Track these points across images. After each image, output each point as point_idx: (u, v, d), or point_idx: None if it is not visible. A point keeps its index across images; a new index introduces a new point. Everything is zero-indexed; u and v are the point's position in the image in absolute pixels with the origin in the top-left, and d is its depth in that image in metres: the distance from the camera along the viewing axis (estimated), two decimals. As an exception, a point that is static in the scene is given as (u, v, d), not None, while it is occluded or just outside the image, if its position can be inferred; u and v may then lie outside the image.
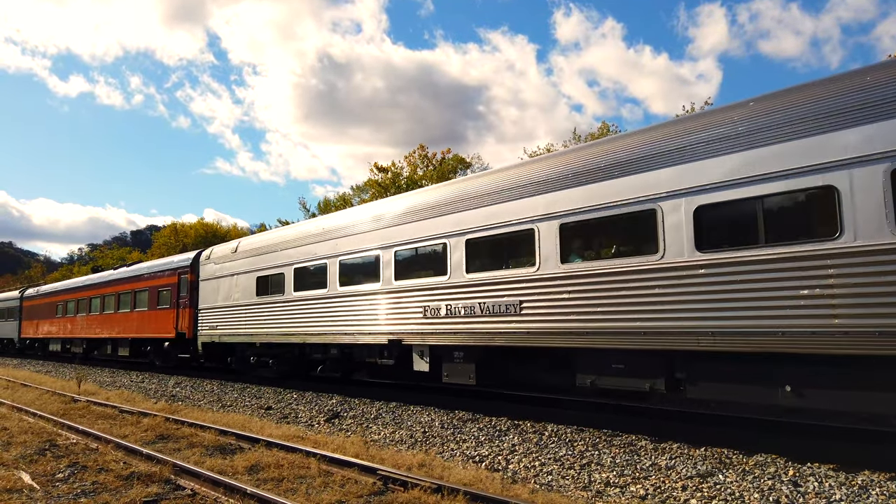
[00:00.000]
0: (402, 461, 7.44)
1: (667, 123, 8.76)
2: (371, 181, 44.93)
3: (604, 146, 9.23)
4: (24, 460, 7.83)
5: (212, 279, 18.42)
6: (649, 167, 8.18)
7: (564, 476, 6.99)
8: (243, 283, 16.77)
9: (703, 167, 7.60)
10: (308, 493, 6.22)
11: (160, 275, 21.93)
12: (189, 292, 19.58)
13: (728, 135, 7.49)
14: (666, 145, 8.12)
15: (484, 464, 7.67)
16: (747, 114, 7.46)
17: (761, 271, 6.97)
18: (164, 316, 20.96)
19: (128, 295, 24.17)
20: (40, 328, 34.48)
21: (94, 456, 8.06)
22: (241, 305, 16.71)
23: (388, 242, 12.19)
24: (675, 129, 8.26)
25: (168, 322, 20.58)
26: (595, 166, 8.90)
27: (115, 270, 27.01)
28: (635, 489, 6.38)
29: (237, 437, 9.14)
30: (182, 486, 6.58)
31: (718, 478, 6.54)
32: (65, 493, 6.36)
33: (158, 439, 9.26)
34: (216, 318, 17.90)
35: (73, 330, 29.58)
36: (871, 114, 6.43)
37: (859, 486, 6.06)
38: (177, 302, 20.28)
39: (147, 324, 22.15)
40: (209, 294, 18.45)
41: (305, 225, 16.07)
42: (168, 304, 20.85)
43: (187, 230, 63.55)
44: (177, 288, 20.40)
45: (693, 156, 7.75)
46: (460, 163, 43.93)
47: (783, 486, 6.13)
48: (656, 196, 8.02)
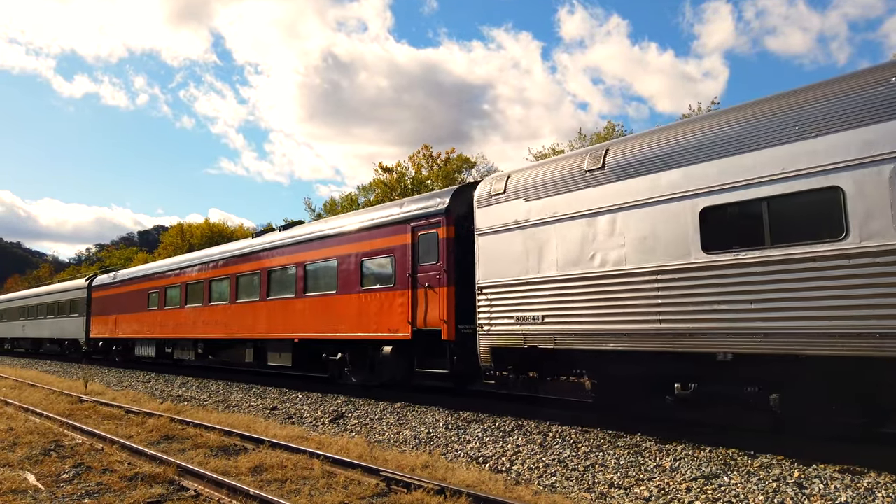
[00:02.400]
0: (405, 462, 7.43)
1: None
2: (377, 181, 44.96)
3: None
4: (29, 461, 7.86)
5: (515, 229, 10.18)
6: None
7: (568, 477, 6.97)
8: (643, 229, 8.47)
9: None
10: (311, 494, 6.22)
11: (367, 234, 13.66)
12: (446, 257, 11.55)
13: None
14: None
15: (488, 465, 7.66)
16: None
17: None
18: (379, 302, 12.94)
19: (288, 272, 15.98)
20: (120, 326, 25.73)
21: (98, 456, 8.10)
22: (634, 274, 8.49)
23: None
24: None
25: (393, 312, 12.55)
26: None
27: (256, 239, 18.55)
28: (639, 491, 6.35)
29: (241, 437, 9.16)
30: (186, 487, 6.59)
31: (723, 479, 6.51)
32: (69, 494, 6.39)
33: (163, 440, 9.29)
34: (535, 301, 9.74)
35: (177, 327, 21.20)
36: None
37: (865, 488, 6.02)
38: (411, 277, 12.16)
39: (338, 316, 14.00)
40: (507, 257, 10.24)
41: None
42: (390, 283, 12.73)
43: (193, 230, 63.76)
44: (410, 252, 12.29)
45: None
46: (465, 162, 43.91)
47: (788, 489, 6.09)
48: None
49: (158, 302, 22.70)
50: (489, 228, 10.71)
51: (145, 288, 23.94)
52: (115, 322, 26.34)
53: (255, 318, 17.03)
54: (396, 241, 12.76)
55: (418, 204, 12.74)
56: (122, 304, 25.73)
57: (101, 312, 27.99)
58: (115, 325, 26.31)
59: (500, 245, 10.47)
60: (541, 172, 10.26)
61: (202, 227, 64.52)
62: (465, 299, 11.22)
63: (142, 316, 23.93)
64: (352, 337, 13.61)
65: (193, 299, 20.47)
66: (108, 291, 27.63)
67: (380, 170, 44.64)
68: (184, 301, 20.96)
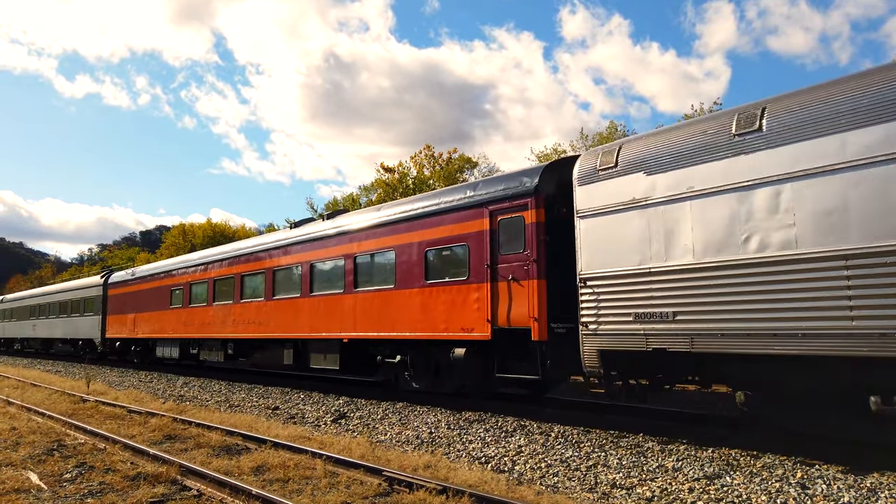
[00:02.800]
0: (407, 462, 7.44)
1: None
2: (379, 181, 44.98)
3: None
4: (32, 460, 7.88)
5: (632, 209, 8.57)
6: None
7: (571, 477, 6.96)
8: (824, 203, 6.92)
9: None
10: (313, 494, 6.23)
11: (433, 220, 11.96)
12: (535, 245, 9.95)
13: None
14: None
15: (490, 465, 7.66)
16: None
17: None
18: (449, 297, 11.33)
19: (335, 265, 14.31)
20: (140, 325, 24.12)
21: (101, 456, 8.11)
22: (810, 260, 6.96)
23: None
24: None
25: (467, 309, 10.94)
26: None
27: (295, 230, 16.79)
28: (642, 491, 6.35)
29: (244, 437, 9.17)
30: (188, 487, 6.60)
31: (726, 480, 6.50)
32: (72, 494, 6.39)
33: (166, 439, 9.30)
34: (662, 295, 8.15)
35: (204, 326, 19.52)
36: None
37: (868, 488, 6.01)
38: (489, 269, 10.57)
39: (396, 313, 12.34)
40: (621, 243, 8.66)
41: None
42: (463, 275, 11.12)
43: (195, 230, 63.84)
44: (488, 240, 10.68)
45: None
46: (467, 162, 43.92)
47: (791, 489, 6.08)
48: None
49: (182, 299, 21.07)
50: (595, 209, 9.05)
51: (167, 284, 22.34)
52: (133, 321, 24.75)
53: (295, 315, 15.31)
54: (470, 228, 11.07)
55: (498, 185, 10.98)
56: (142, 302, 24.10)
57: (119, 311, 26.23)
58: (133, 325, 24.72)
59: (610, 228, 8.83)
60: (666, 140, 8.53)
61: (204, 227, 64.58)
62: (557, 294, 9.80)
63: (163, 314, 22.29)
64: (414, 337, 11.94)
65: (223, 296, 18.69)
66: (125, 289, 25.99)
67: (381, 170, 44.69)
68: (211, 298, 19.27)
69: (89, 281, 30.81)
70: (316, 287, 14.81)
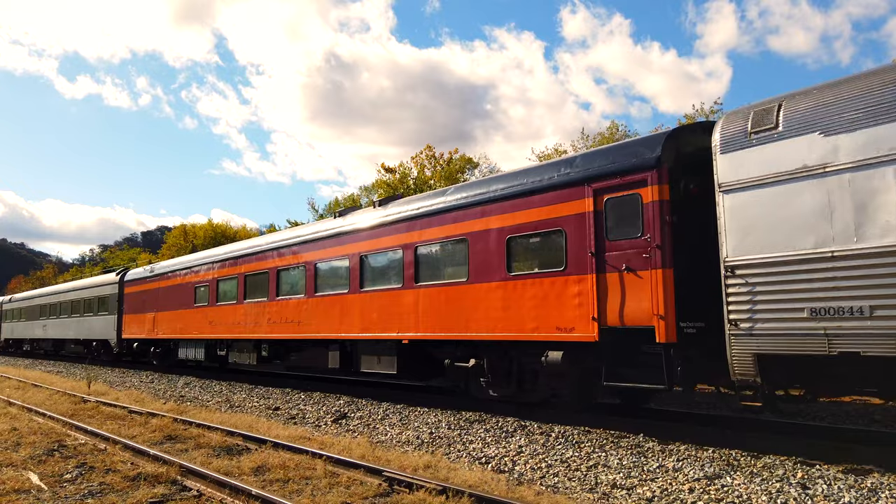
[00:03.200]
0: (407, 462, 7.43)
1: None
2: (380, 181, 44.99)
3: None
4: (32, 461, 7.88)
5: (803, 178, 7.11)
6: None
7: (571, 478, 6.96)
8: None
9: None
10: (313, 494, 6.22)
11: (517, 202, 10.36)
12: (659, 228, 8.42)
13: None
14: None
15: (490, 465, 7.66)
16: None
17: None
18: (540, 291, 9.75)
19: (391, 257, 12.77)
20: (160, 324, 22.61)
21: (101, 456, 8.11)
22: None
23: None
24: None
25: (565, 305, 9.39)
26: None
27: (339, 220, 15.04)
28: (642, 491, 6.34)
29: (244, 437, 9.17)
30: (188, 487, 6.60)
31: (726, 480, 6.49)
32: (72, 494, 6.40)
33: (166, 440, 9.30)
34: (854, 285, 6.65)
35: (234, 326, 17.80)
36: None
37: (868, 488, 6.00)
38: (594, 257, 9.06)
39: (470, 310, 10.83)
40: (787, 221, 7.16)
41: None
42: (558, 266, 9.55)
43: (197, 231, 63.92)
44: (592, 223, 9.17)
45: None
46: (468, 163, 43.90)
47: (791, 489, 6.07)
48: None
49: (209, 297, 19.39)
50: (747, 181, 7.47)
51: (191, 281, 20.69)
52: (153, 320, 23.10)
53: (342, 314, 13.71)
54: (566, 210, 9.53)
55: (603, 158, 9.40)
56: (162, 300, 22.52)
57: (136, 310, 24.57)
58: (153, 324, 23.08)
59: (770, 204, 7.27)
60: (850, 91, 6.95)
61: (205, 227, 64.67)
62: (686, 286, 8.29)
63: (187, 313, 20.69)
64: (493, 338, 10.41)
65: (255, 293, 17.09)
66: (144, 286, 24.30)
67: (382, 170, 44.70)
68: (242, 295, 17.64)
69: (104, 279, 29.29)
70: (368, 282, 13.25)
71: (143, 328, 23.87)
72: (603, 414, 10.07)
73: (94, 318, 28.17)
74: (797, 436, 8.11)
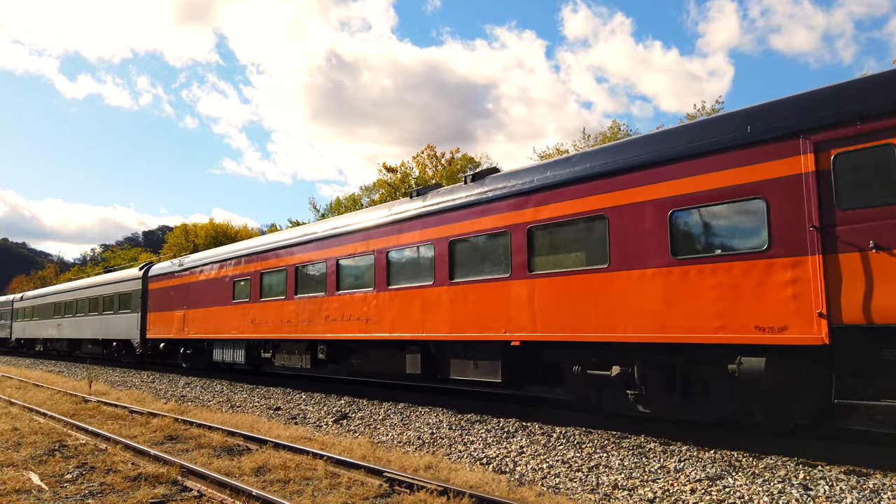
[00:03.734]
0: (408, 463, 7.43)
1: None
2: (381, 181, 45.00)
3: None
4: (33, 461, 7.88)
5: None
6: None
7: (572, 478, 6.94)
8: None
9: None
10: (314, 495, 6.22)
11: (686, 166, 8.25)
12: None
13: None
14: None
15: (491, 466, 7.64)
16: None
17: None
18: (728, 279, 7.67)
19: (491, 242, 10.74)
20: (191, 323, 20.77)
21: (102, 457, 8.11)
22: None
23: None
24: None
25: (769, 296, 7.32)
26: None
27: (417, 201, 12.74)
28: (643, 492, 6.33)
29: (245, 438, 9.17)
30: (189, 488, 6.60)
31: (728, 481, 6.47)
32: (72, 494, 6.39)
33: (167, 440, 9.30)
34: None
35: (282, 325, 15.86)
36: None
37: (871, 489, 5.98)
38: (819, 233, 6.97)
39: (611, 304, 8.81)
40: None
41: None
42: (758, 245, 7.49)
43: (198, 230, 63.96)
44: (813, 188, 7.04)
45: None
46: (469, 162, 43.89)
47: (793, 490, 6.06)
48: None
49: (250, 292, 17.39)
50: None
51: (229, 275, 18.71)
52: (182, 319, 21.14)
53: (424, 310, 11.68)
54: (769, 171, 7.40)
55: (822, 103, 7.24)
56: (194, 297, 20.58)
57: (163, 307, 22.33)
58: (182, 323, 21.16)
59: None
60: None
61: (206, 227, 64.70)
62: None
63: (224, 311, 18.69)
64: (652, 339, 8.29)
65: (308, 287, 15.17)
66: (171, 282, 22.31)
67: (384, 170, 44.70)
68: (292, 290, 15.65)
69: (125, 274, 27.26)
70: (460, 272, 11.16)
71: (170, 327, 21.84)
72: (604, 415, 10.04)
73: (115, 316, 26.03)
74: (799, 436, 8.08)
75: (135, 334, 24.27)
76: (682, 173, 8.19)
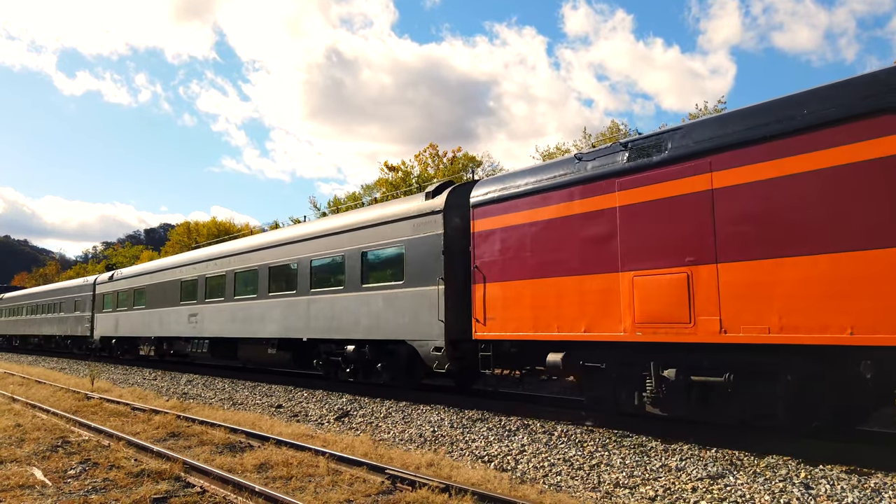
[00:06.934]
0: (410, 460, 7.44)
1: None
2: (382, 180, 44.97)
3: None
4: (36, 457, 7.91)
5: None
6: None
7: (574, 477, 6.96)
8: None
9: None
10: (316, 492, 6.24)
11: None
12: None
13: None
14: None
15: (493, 464, 7.66)
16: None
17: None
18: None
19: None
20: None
21: (105, 453, 8.14)
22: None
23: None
24: None
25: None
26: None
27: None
28: (645, 490, 6.34)
29: (247, 435, 9.19)
30: (191, 484, 6.62)
31: (729, 479, 6.49)
32: (76, 490, 6.42)
33: (169, 437, 9.33)
34: None
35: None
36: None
37: (872, 488, 5.99)
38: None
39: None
40: None
41: None
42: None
43: (200, 228, 64.06)
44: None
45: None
46: (471, 161, 43.87)
47: (794, 489, 6.07)
48: None
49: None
50: None
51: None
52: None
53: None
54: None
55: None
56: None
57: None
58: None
59: None
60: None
61: (209, 225, 64.78)
62: None
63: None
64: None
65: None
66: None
67: (385, 168, 44.67)
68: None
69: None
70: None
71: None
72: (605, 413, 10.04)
73: (342, 295, 13.59)
74: (800, 435, 8.09)
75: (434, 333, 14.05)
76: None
